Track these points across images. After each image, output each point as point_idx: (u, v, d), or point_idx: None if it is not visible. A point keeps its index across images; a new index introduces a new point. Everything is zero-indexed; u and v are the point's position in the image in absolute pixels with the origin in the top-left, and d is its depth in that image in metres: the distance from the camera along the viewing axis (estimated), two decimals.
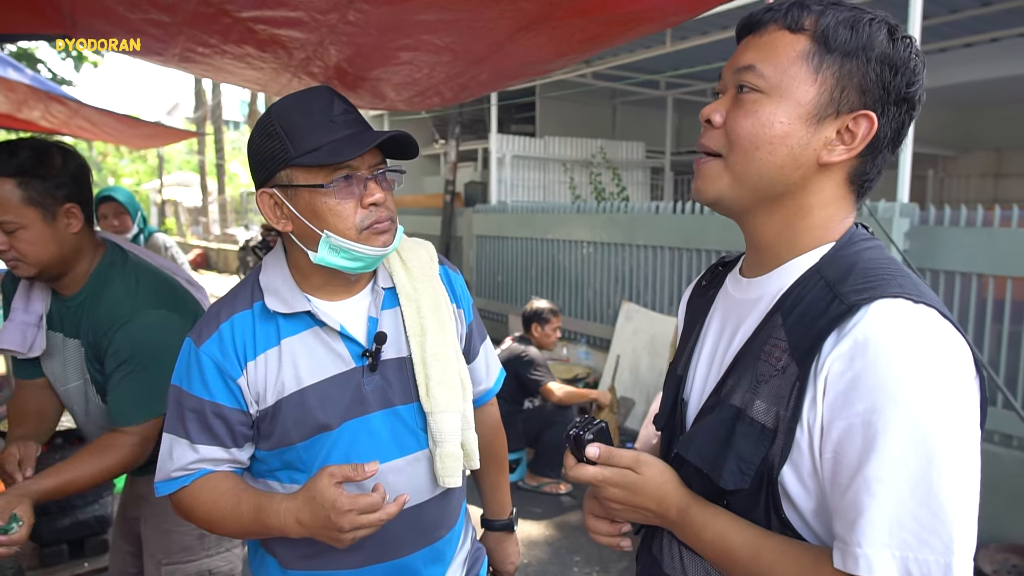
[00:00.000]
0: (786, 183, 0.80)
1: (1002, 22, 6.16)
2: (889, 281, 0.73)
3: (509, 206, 7.49)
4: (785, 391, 0.75)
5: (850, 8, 0.78)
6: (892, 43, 0.76)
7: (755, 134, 0.78)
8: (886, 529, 0.66)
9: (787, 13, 0.79)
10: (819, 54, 0.77)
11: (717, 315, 0.93)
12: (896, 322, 0.69)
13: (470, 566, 1.31)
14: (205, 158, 22.31)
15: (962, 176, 9.37)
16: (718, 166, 0.82)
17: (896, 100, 0.78)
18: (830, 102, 0.77)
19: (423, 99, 2.85)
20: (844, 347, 0.70)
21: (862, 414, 0.68)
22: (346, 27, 2.05)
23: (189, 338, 1.12)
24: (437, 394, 1.14)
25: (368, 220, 1.06)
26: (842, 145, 0.78)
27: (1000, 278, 3.29)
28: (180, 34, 2.33)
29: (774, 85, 0.78)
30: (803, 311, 0.76)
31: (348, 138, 1.03)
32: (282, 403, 1.09)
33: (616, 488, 0.84)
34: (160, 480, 1.13)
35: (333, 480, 0.96)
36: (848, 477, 0.69)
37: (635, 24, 1.91)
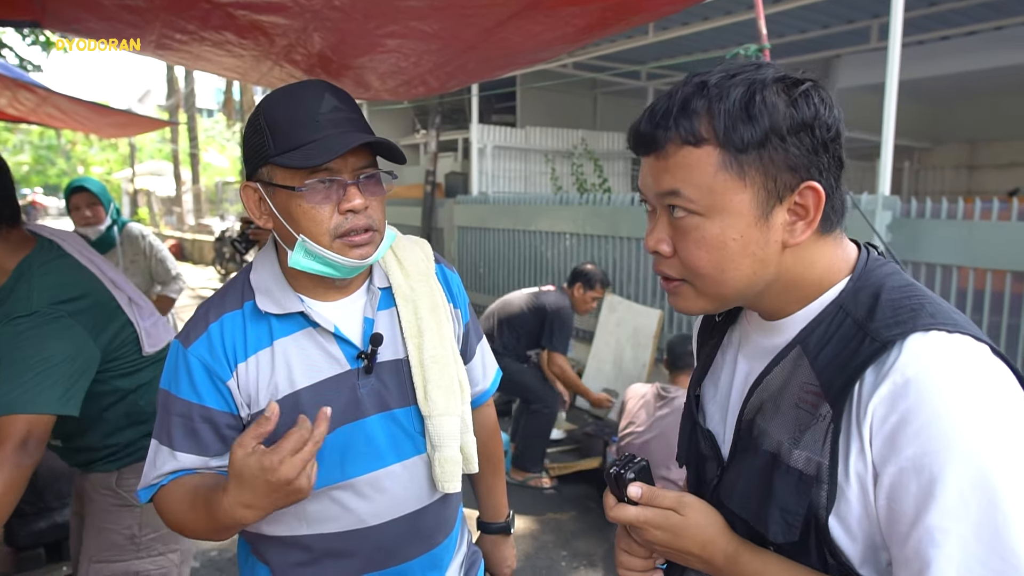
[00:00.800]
0: (762, 282, 0.77)
1: (978, 15, 6.23)
2: (919, 311, 0.70)
3: (491, 197, 7.44)
4: (820, 436, 0.72)
5: (731, 83, 0.72)
6: (795, 106, 0.71)
7: (714, 261, 0.75)
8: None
9: (679, 126, 0.73)
10: (735, 160, 0.72)
11: (734, 348, 0.90)
12: (935, 358, 0.66)
13: (467, 570, 1.28)
14: (178, 147, 21.88)
15: (937, 168, 9.51)
16: (690, 291, 0.79)
17: (824, 149, 0.73)
18: (768, 196, 0.73)
19: (408, 88, 2.79)
20: (884, 390, 0.67)
21: (912, 459, 0.65)
22: (331, 12, 1.99)
23: (176, 340, 1.07)
24: (435, 397, 1.11)
25: (343, 227, 1.00)
26: (800, 221, 0.74)
27: (980, 270, 3.33)
28: (156, 20, 2.24)
29: (707, 206, 0.73)
30: (833, 352, 0.73)
31: (329, 139, 0.97)
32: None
33: (659, 530, 0.80)
34: (142, 487, 1.09)
35: (246, 449, 0.86)
36: (907, 526, 0.66)
37: (629, 13, 1.87)
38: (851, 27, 6.64)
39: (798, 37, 7.00)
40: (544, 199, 6.57)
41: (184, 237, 16.40)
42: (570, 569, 3.08)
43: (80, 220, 3.24)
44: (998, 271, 3.26)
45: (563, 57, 7.89)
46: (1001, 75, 7.15)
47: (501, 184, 8.37)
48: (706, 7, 6.12)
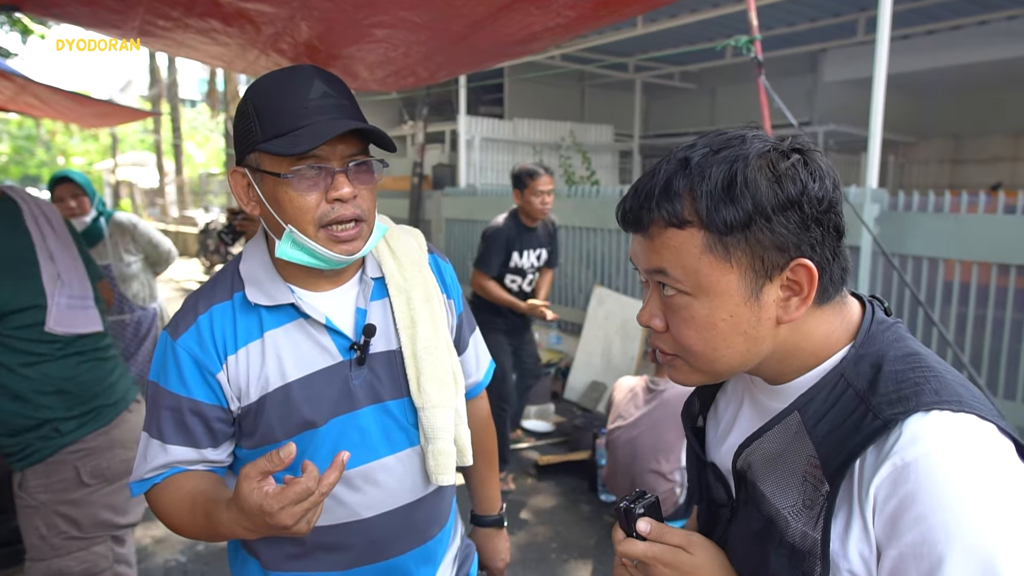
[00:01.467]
0: (757, 357, 0.75)
1: (963, 10, 6.27)
2: (923, 386, 0.68)
3: (479, 189, 7.41)
4: (816, 512, 0.70)
5: (714, 160, 0.70)
6: (779, 184, 0.69)
7: (705, 339, 0.74)
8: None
9: (661, 208, 0.71)
10: (720, 242, 0.70)
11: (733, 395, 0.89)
12: (936, 441, 0.64)
13: (460, 563, 1.27)
14: (161, 137, 21.59)
15: (921, 162, 9.59)
16: (685, 366, 0.78)
17: (816, 223, 0.70)
18: (756, 276, 0.71)
19: (397, 79, 2.76)
20: (885, 472, 0.65)
21: (912, 546, 0.63)
22: (319, 2, 1.95)
23: (165, 331, 1.05)
24: (429, 389, 1.09)
25: (328, 217, 0.98)
26: (795, 297, 0.72)
27: (966, 263, 3.36)
28: (139, 5, 2.19)
29: (694, 286, 0.72)
30: (833, 424, 0.71)
31: (316, 125, 0.95)
32: (266, 399, 1.03)
33: (667, 568, 0.79)
34: (134, 480, 1.07)
35: (252, 481, 0.83)
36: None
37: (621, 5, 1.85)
38: (838, 21, 6.67)
39: (785, 30, 7.01)
40: None
41: (167, 229, 16.20)
42: (560, 560, 3.08)
43: (65, 211, 3.19)
44: (984, 263, 3.29)
45: (551, 49, 7.85)
46: (985, 70, 7.22)
47: (489, 176, 8.33)
48: (695, 0, 6.12)
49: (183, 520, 1.01)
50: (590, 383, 5.14)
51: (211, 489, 1.00)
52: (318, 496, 0.83)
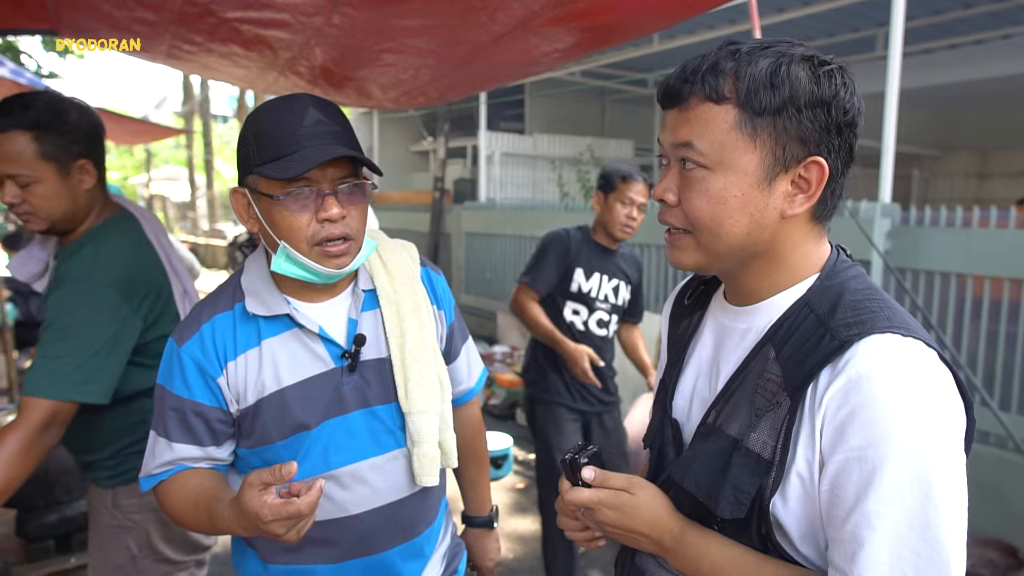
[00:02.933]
0: (756, 244, 0.81)
1: (985, 24, 6.24)
2: (877, 314, 0.74)
3: (498, 203, 7.51)
4: (778, 424, 0.76)
5: (762, 53, 0.76)
6: (816, 82, 0.75)
7: (714, 212, 0.79)
8: (887, 562, 0.68)
9: (704, 83, 0.77)
10: (750, 121, 0.76)
11: (705, 338, 0.93)
12: (888, 358, 0.71)
13: (449, 561, 1.33)
14: (193, 153, 22.16)
15: (947, 176, 9.48)
16: (689, 241, 0.83)
17: (837, 131, 0.77)
18: (775, 162, 0.77)
19: (409, 98, 2.87)
20: (839, 384, 0.71)
21: (857, 449, 0.69)
22: (331, 29, 2.06)
23: (171, 338, 1.13)
24: (415, 395, 1.16)
25: (320, 236, 1.05)
26: (801, 194, 0.78)
27: (978, 277, 3.35)
28: (166, 32, 2.33)
29: (716, 160, 0.78)
30: (795, 346, 0.77)
31: (307, 151, 1.02)
32: (262, 403, 1.10)
33: (611, 510, 0.84)
34: (143, 476, 1.15)
35: (254, 490, 0.91)
36: (846, 510, 0.70)
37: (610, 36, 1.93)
38: (857, 36, 6.67)
39: None
40: (549, 205, 6.63)
41: (197, 242, 16.60)
42: None
43: None
44: (996, 278, 3.28)
45: (571, 65, 7.95)
46: (1010, 84, 7.14)
47: (509, 190, 8.44)
48: (712, 16, 6.17)
49: (187, 513, 1.10)
50: None
51: (214, 487, 1.09)
52: (310, 516, 0.92)
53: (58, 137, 1.43)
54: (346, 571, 1.16)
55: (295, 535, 0.94)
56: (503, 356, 6.13)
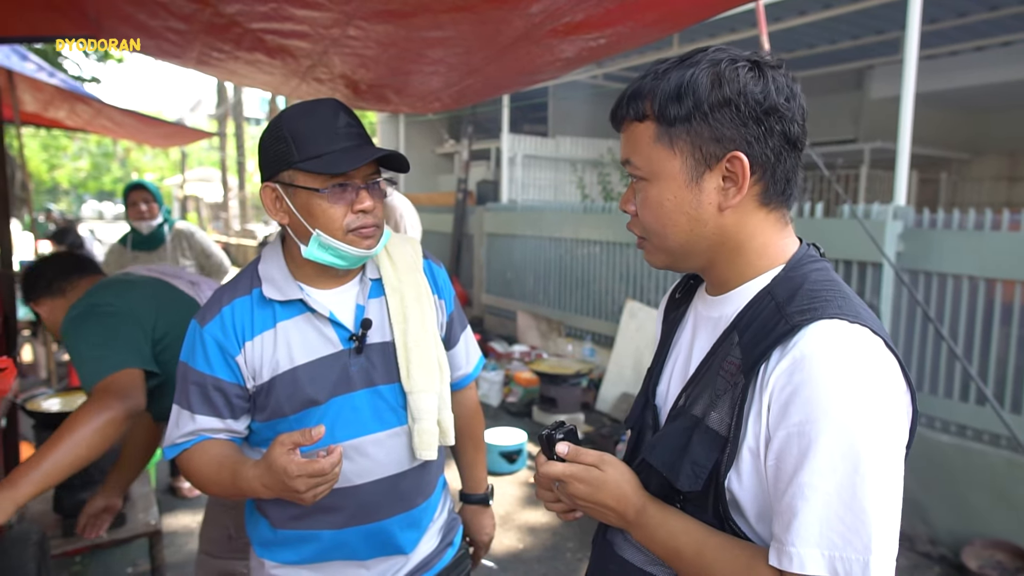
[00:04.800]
0: (703, 239, 0.88)
1: (1012, 26, 6.16)
2: (830, 303, 0.79)
3: (519, 205, 7.60)
4: (736, 403, 0.82)
5: (677, 71, 0.83)
6: (719, 84, 0.81)
7: (656, 217, 0.88)
8: (816, 530, 0.73)
9: (629, 106, 0.87)
10: (666, 133, 0.84)
11: (687, 327, 0.99)
12: (831, 341, 0.76)
13: (445, 533, 1.43)
14: (226, 155, 22.64)
15: (975, 179, 9.32)
16: (650, 246, 0.93)
17: (756, 121, 0.82)
18: (696, 163, 0.84)
19: (424, 104, 2.99)
20: (784, 364, 0.77)
21: (797, 425, 0.74)
22: (348, 40, 2.19)
23: (194, 320, 1.25)
24: (416, 376, 1.27)
25: (355, 224, 1.18)
26: (733, 187, 0.84)
27: (991, 280, 3.35)
28: (196, 40, 2.48)
29: (648, 171, 0.87)
30: (755, 330, 0.83)
31: (347, 150, 1.16)
32: (276, 379, 1.22)
33: (581, 484, 0.90)
34: (166, 445, 1.27)
35: (284, 448, 1.03)
36: (785, 483, 0.75)
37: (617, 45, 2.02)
38: (881, 38, 6.62)
39: (828, 48, 7.01)
40: (569, 207, 6.70)
41: (229, 242, 16.98)
42: (575, 559, 3.20)
43: (136, 214, 3.54)
44: (1008, 281, 3.28)
45: (592, 68, 8.02)
46: None
47: (531, 192, 8.54)
48: (733, 19, 6.20)
49: (210, 477, 1.21)
50: (621, 395, 5.23)
51: (235, 453, 1.22)
52: (331, 478, 1.04)
53: None
54: (348, 536, 1.27)
55: (311, 496, 1.05)
56: (522, 355, 6.22)
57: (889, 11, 5.79)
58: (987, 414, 3.32)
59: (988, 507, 3.26)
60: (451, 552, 1.44)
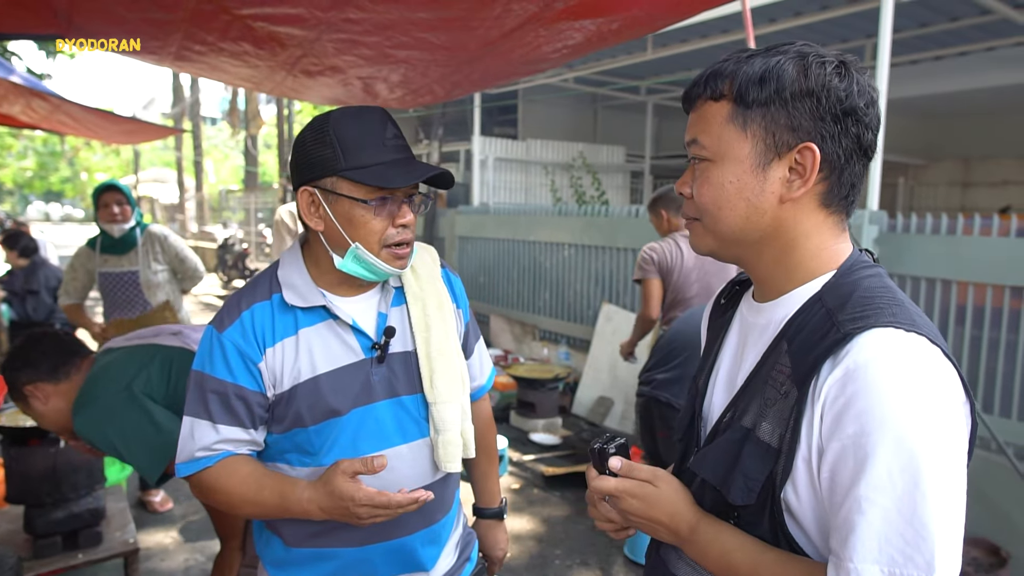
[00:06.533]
0: (758, 229, 0.86)
1: (970, 37, 6.38)
2: (884, 310, 0.77)
3: (491, 208, 7.56)
4: (787, 414, 0.79)
5: (762, 57, 0.83)
6: (805, 75, 0.81)
7: (714, 198, 0.86)
8: (875, 546, 0.70)
9: (707, 85, 0.86)
10: (741, 113, 0.83)
11: (733, 336, 0.97)
12: (886, 350, 0.73)
13: (462, 549, 1.38)
14: (182, 154, 22.06)
15: (931, 184, 9.65)
16: (700, 228, 0.91)
17: (834, 118, 0.81)
18: (767, 149, 0.83)
19: (415, 97, 2.92)
20: (838, 374, 0.74)
21: (853, 437, 0.72)
22: (344, 24, 2.11)
23: (210, 326, 1.18)
24: (440, 386, 1.22)
25: (395, 238, 1.15)
26: (798, 179, 0.83)
27: (963, 283, 3.44)
28: (177, 32, 2.37)
29: (715, 152, 0.85)
30: (805, 338, 0.80)
31: (396, 163, 1.12)
32: (297, 388, 1.15)
33: (634, 500, 0.88)
34: (182, 461, 1.18)
35: (347, 476, 1.05)
36: (842, 496, 0.73)
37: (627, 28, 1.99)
38: (845, 46, 6.79)
39: None
40: (543, 210, 6.69)
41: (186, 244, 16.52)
42: (564, 567, 3.17)
43: (107, 216, 3.37)
44: (980, 284, 3.37)
45: (563, 71, 8.04)
46: (993, 95, 7.31)
47: (502, 195, 8.50)
48: (705, 25, 6.28)
49: (246, 497, 1.14)
50: (597, 398, 5.23)
51: (274, 473, 1.17)
52: (391, 513, 1.08)
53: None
54: (369, 554, 1.21)
55: (370, 521, 1.09)
56: (496, 359, 6.18)
57: (856, 20, 5.94)
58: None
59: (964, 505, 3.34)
60: (469, 568, 1.39)
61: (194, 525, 3.48)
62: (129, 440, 1.64)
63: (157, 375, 1.75)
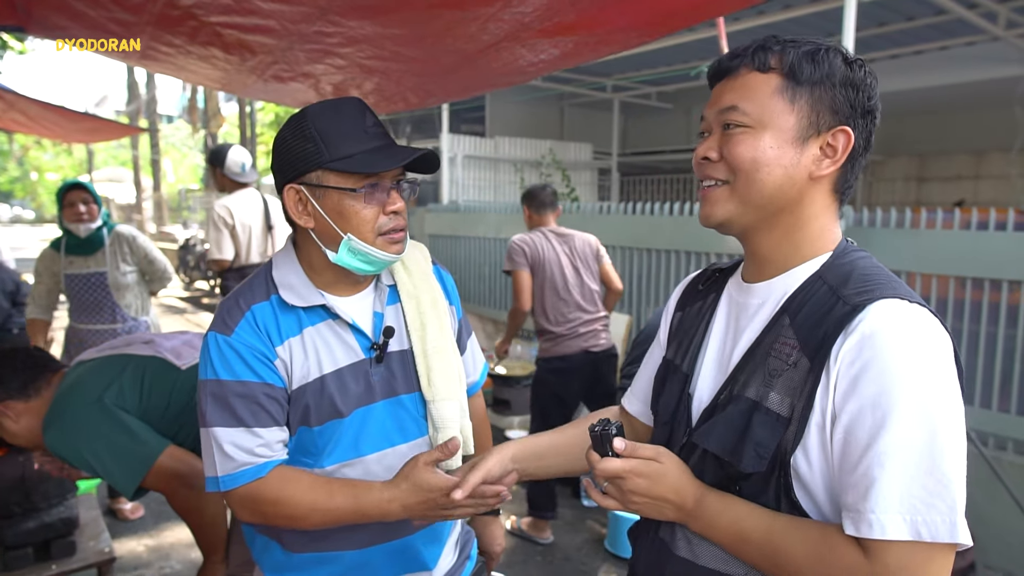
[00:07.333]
0: (785, 198, 0.90)
1: (925, 36, 6.57)
2: (885, 285, 0.84)
3: (461, 205, 7.54)
4: (798, 383, 0.83)
5: (805, 43, 0.90)
6: (849, 67, 0.89)
7: (754, 158, 0.89)
8: (897, 497, 0.75)
9: (754, 56, 0.90)
10: (791, 87, 0.88)
11: (721, 317, 1.01)
12: (897, 319, 0.79)
13: (462, 546, 1.39)
14: (139, 153, 21.46)
15: (889, 179, 9.92)
16: (725, 191, 0.92)
17: (862, 113, 0.90)
18: (809, 125, 0.89)
19: (388, 104, 2.90)
20: (852, 341, 0.79)
21: (871, 397, 0.77)
22: (317, 36, 2.08)
23: (213, 332, 1.13)
24: (438, 383, 1.22)
25: (388, 226, 1.13)
26: (827, 159, 0.89)
27: (926, 276, 3.55)
28: (143, 33, 2.31)
29: (757, 119, 0.89)
30: (809, 312, 0.86)
31: (379, 150, 1.11)
32: (305, 388, 1.14)
33: (640, 478, 0.89)
34: (225, 474, 1.10)
35: (430, 467, 1.06)
36: (859, 453, 0.77)
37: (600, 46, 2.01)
38: None
39: None
40: (514, 207, 6.69)
41: None
42: (545, 563, 3.19)
43: (73, 216, 3.26)
44: (943, 276, 3.48)
45: None
46: (946, 92, 7.54)
47: (471, 193, 8.48)
48: None
49: (317, 505, 1.10)
50: None
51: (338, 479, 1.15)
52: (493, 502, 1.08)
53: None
54: (371, 555, 1.20)
55: (460, 513, 1.10)
56: None
57: (817, 19, 6.07)
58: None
59: None
60: (470, 566, 1.39)
61: (167, 533, 3.41)
62: (102, 454, 1.59)
63: (129, 385, 1.71)
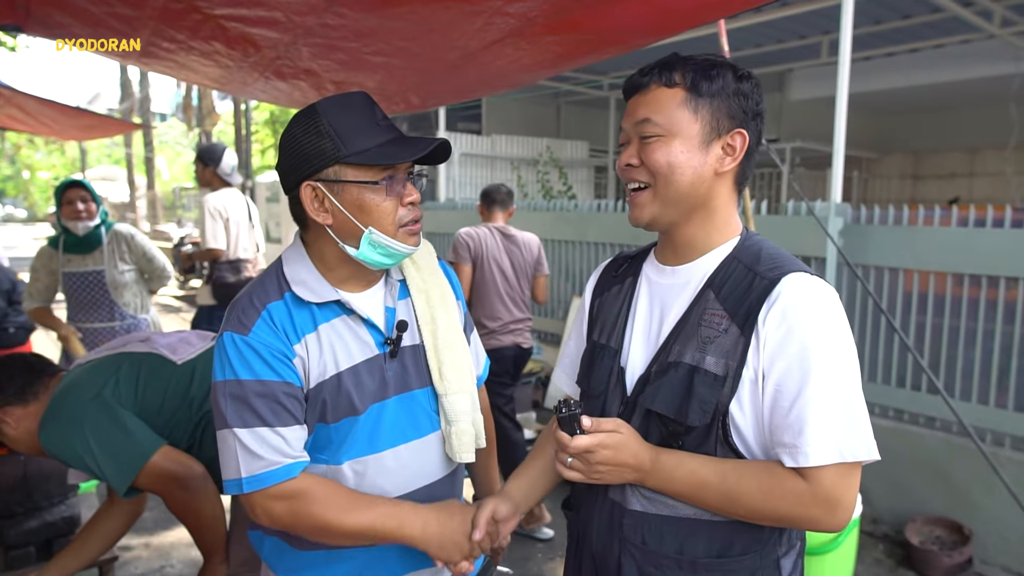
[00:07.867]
0: (697, 195, 1.06)
1: (921, 34, 6.60)
2: (789, 261, 1.04)
3: (458, 203, 7.54)
4: (730, 347, 1.01)
5: (703, 60, 1.06)
6: (738, 80, 1.05)
7: (668, 163, 1.04)
8: (825, 431, 0.94)
9: (661, 74, 1.05)
10: (694, 99, 1.04)
11: (644, 297, 1.16)
12: (809, 288, 0.99)
13: None
14: (132, 151, 21.37)
15: (884, 177, 9.97)
16: (648, 195, 1.08)
17: (752, 116, 1.07)
18: (712, 130, 1.05)
19: (389, 104, 2.88)
20: (776, 310, 0.98)
21: (796, 355, 0.96)
22: (322, 29, 2.07)
23: (230, 333, 1.11)
24: (450, 377, 1.23)
25: (407, 217, 1.14)
26: (728, 157, 1.06)
27: (923, 272, 3.57)
28: (144, 28, 2.30)
29: (668, 129, 1.04)
30: (732, 287, 1.04)
31: (394, 142, 1.11)
32: (323, 385, 1.13)
33: (607, 450, 1.01)
34: (251, 474, 1.08)
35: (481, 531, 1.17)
36: (790, 401, 0.96)
37: (605, 45, 2.00)
38: (803, 43, 6.96)
39: (754, 51, 7.29)
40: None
41: None
42: (546, 559, 3.19)
43: (71, 214, 3.26)
44: (939, 273, 3.50)
45: None
46: (941, 90, 7.57)
47: (468, 191, 8.48)
48: None
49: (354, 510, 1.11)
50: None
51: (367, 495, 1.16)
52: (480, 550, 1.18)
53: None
54: (381, 552, 1.20)
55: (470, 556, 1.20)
56: None
57: (813, 17, 6.08)
58: (922, 399, 3.54)
59: (927, 486, 3.47)
60: (478, 562, 1.39)
61: (167, 533, 3.40)
62: (96, 449, 1.59)
63: (125, 381, 1.70)
